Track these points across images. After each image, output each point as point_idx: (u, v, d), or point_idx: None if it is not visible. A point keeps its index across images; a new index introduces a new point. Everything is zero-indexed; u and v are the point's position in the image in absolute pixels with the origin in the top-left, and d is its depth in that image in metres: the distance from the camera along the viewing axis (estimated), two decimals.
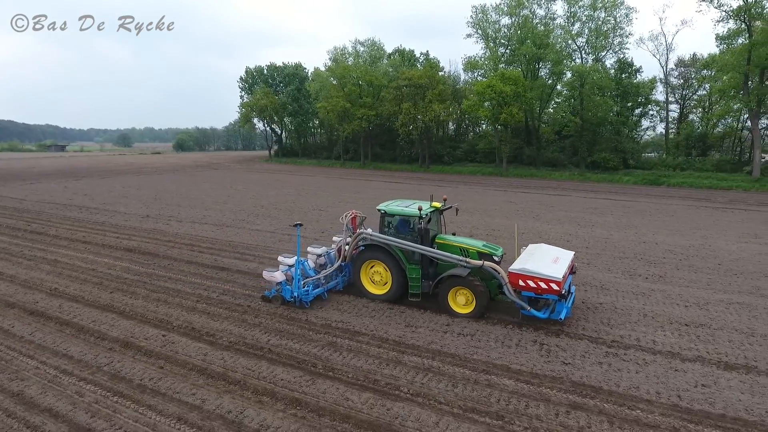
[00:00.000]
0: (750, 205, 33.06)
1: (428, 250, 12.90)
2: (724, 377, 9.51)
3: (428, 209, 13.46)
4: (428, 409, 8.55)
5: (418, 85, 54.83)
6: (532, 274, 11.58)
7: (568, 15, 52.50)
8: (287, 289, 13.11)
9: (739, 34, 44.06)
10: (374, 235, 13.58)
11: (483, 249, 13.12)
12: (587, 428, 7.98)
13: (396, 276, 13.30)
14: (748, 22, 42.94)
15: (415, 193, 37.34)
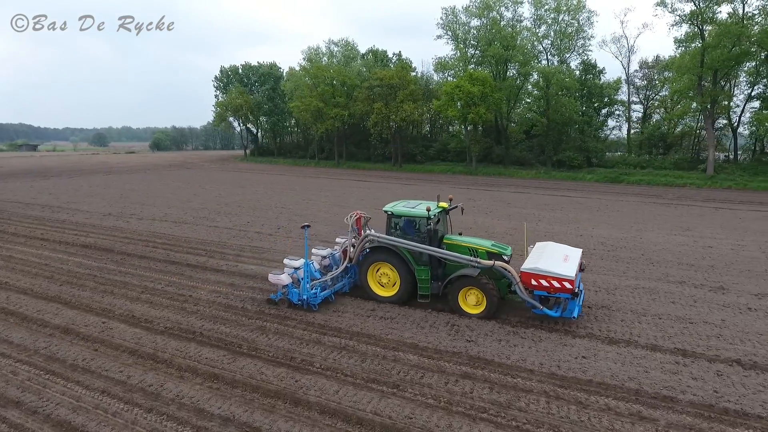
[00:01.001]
0: (696, 201, 34.79)
1: (439, 252, 12.79)
2: (604, 350, 10.66)
3: (436, 210, 13.28)
4: (333, 380, 9.51)
5: (390, 85, 55.85)
6: (545, 273, 11.58)
7: (534, 18, 54.01)
8: (294, 292, 12.91)
9: (694, 38, 45.96)
10: (382, 237, 13.36)
11: (492, 249, 13.06)
12: (469, 393, 9.02)
13: (404, 278, 13.13)
14: (700, 26, 44.88)
15: (382, 191, 38.40)
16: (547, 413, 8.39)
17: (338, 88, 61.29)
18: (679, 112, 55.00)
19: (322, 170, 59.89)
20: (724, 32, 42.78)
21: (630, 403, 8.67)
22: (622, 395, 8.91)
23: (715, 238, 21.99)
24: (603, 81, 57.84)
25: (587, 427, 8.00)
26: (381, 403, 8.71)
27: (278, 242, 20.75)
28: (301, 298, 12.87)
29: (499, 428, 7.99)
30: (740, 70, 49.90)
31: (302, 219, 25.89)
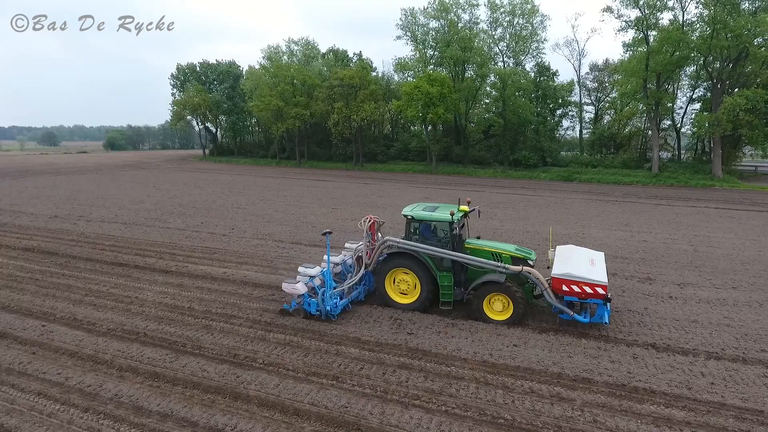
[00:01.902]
0: (640, 198, 36.66)
1: (466, 258, 12.38)
2: (534, 339, 11.35)
3: (459, 214, 12.93)
4: (274, 375, 9.77)
5: (351, 84, 56.11)
6: (578, 278, 11.34)
7: (491, 20, 55.37)
8: (313, 302, 12.28)
9: (640, 43, 48.26)
10: (402, 242, 12.89)
11: (516, 253, 12.77)
12: (405, 382, 9.48)
13: (426, 284, 12.71)
14: (645, 31, 47.22)
15: (342, 191, 38.63)
16: (476, 398, 8.93)
17: (299, 87, 61.08)
18: (627, 114, 57.72)
19: (282, 170, 59.52)
20: (666, 38, 45.21)
21: (552, 385, 9.33)
22: (545, 379, 9.57)
23: (651, 233, 23.39)
24: (557, 83, 59.89)
25: (510, 409, 8.58)
26: (319, 394, 9.05)
27: (232, 243, 20.71)
28: (320, 309, 12.21)
29: (429, 413, 8.47)
30: (682, 74, 52.87)
31: (258, 219, 25.92)
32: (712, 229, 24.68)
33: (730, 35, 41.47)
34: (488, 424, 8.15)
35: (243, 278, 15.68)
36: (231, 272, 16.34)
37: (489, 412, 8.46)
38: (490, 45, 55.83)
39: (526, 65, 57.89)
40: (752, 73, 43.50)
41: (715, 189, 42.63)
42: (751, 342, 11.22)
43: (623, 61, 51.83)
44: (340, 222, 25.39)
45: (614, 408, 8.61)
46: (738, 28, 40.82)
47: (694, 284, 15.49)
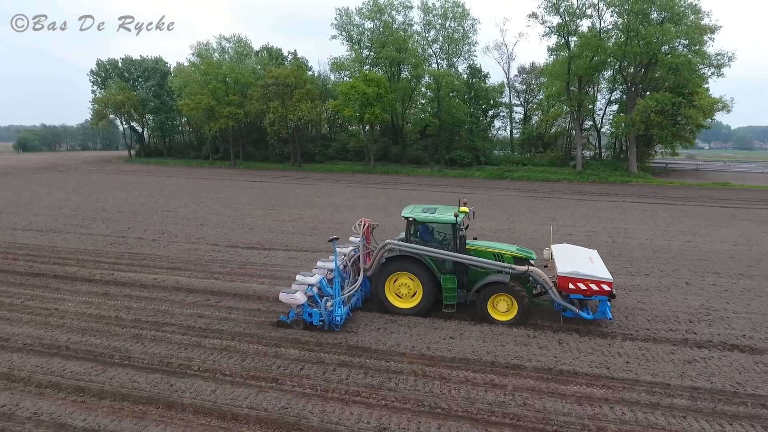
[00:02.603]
0: (565, 194, 38.98)
1: (474, 259, 12.31)
2: (469, 330, 11.82)
3: (461, 215, 12.73)
4: (211, 381, 9.51)
5: (286, 84, 55.25)
6: (584, 276, 11.57)
7: (424, 23, 56.52)
8: (315, 312, 11.57)
9: (562, 48, 51.21)
10: (405, 246, 12.53)
11: (518, 253, 12.85)
12: (345, 380, 9.56)
13: (428, 287, 12.45)
14: (566, 37, 50.18)
15: (279, 191, 37.97)
16: (414, 390, 9.18)
17: (231, 85, 59.23)
18: (552, 114, 61.01)
19: (216, 171, 57.50)
20: (585, 44, 48.38)
21: (485, 373, 9.78)
22: (479, 367, 10.01)
23: (575, 226, 24.98)
24: (488, 84, 62.26)
25: (447, 398, 8.90)
26: (258, 397, 8.92)
27: (162, 248, 19.80)
28: (323, 319, 11.51)
29: (369, 408, 8.60)
30: (600, 78, 56.71)
31: (191, 222, 24.95)
32: (629, 222, 26.74)
33: (641, 42, 45.04)
34: (426, 415, 8.41)
35: (175, 284, 15.08)
36: (162, 278, 15.65)
37: (427, 403, 8.74)
38: (424, 47, 57.01)
39: (459, 67, 59.73)
40: (661, 77, 47.42)
41: (631, 185, 46.14)
42: (660, 323, 12.32)
43: (548, 64, 54.86)
44: (279, 223, 25.00)
45: (542, 391, 9.17)
46: (648, 36, 44.45)
47: (613, 272, 16.51)
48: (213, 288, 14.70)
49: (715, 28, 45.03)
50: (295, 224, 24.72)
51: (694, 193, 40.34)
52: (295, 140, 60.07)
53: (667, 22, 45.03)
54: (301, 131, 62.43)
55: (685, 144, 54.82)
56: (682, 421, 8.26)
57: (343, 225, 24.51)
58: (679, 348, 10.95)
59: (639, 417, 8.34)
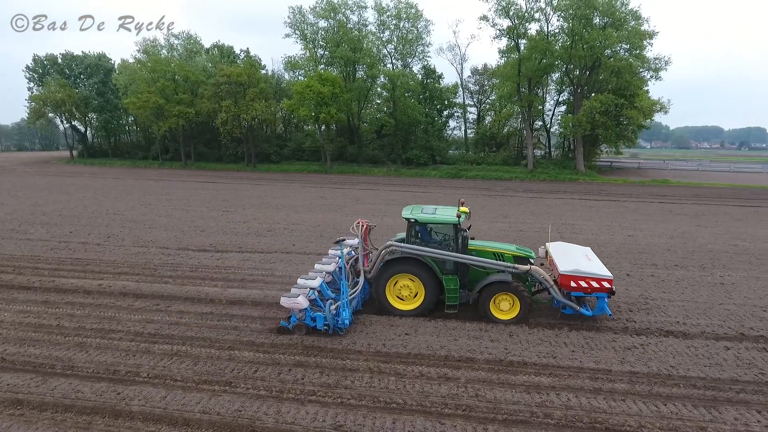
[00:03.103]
0: (517, 192, 40.22)
1: (479, 260, 12.39)
2: (423, 326, 12.04)
3: (463, 216, 12.69)
4: (161, 387, 9.24)
5: (239, 82, 54.10)
6: (586, 274, 11.86)
7: (378, 23, 56.80)
8: (319, 316, 11.20)
9: (513, 51, 52.72)
10: (407, 247, 12.42)
11: (518, 252, 12.98)
12: (300, 380, 9.53)
13: (430, 289, 12.39)
14: (516, 40, 51.72)
15: (232, 192, 37.14)
16: (370, 386, 9.27)
17: (181, 83, 57.43)
18: (505, 115, 62.68)
19: (166, 172, 55.54)
20: (534, 47, 50.06)
21: (439, 367, 10.00)
22: (433, 362, 10.23)
23: (526, 223, 25.85)
24: (442, 85, 63.23)
25: (402, 393, 9.04)
26: (211, 401, 8.75)
27: (108, 252, 18.97)
28: (328, 323, 11.20)
29: (324, 407, 8.62)
30: (549, 80, 58.81)
31: (139, 225, 24.03)
32: (576, 218, 27.94)
33: (585, 46, 47.10)
34: (381, 410, 8.52)
35: (122, 289, 14.51)
36: (108, 284, 15.01)
37: (382, 399, 8.85)
38: (378, 47, 57.30)
39: (413, 68, 60.42)
40: (604, 80, 49.75)
41: (579, 182, 48.17)
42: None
43: (499, 66, 56.40)
44: (232, 225, 24.48)
45: (493, 381, 9.48)
46: (591, 40, 46.54)
47: None
48: (163, 292, 14.26)
49: (653, 34, 47.76)
50: (249, 225, 24.28)
51: (636, 190, 42.60)
52: (250, 140, 58.93)
53: (609, 27, 47.30)
54: (255, 131, 61.29)
55: (627, 143, 57.71)
56: (621, 404, 8.76)
57: (299, 226, 24.34)
58: (620, 336, 11.59)
59: (583, 402, 8.78)
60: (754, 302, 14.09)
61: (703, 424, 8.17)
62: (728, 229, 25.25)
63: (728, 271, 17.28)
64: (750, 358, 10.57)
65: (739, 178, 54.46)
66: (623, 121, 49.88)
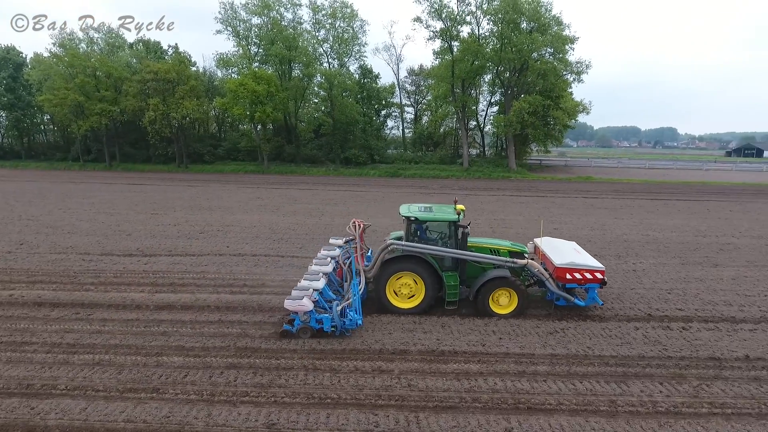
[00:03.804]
0: (454, 190, 41.34)
1: (480, 256, 12.69)
2: None
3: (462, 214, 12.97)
4: (81, 399, 8.74)
5: (167, 79, 51.77)
6: (581, 266, 12.41)
7: (314, 21, 56.30)
8: (326, 317, 10.95)
9: (446, 52, 54.08)
10: (410, 245, 12.42)
11: (512, 248, 13.34)
12: (233, 382, 9.35)
13: (431, 286, 12.45)
14: (449, 41, 53.15)
15: (162, 194, 35.50)
16: (304, 384, 9.28)
17: (103, 80, 54.08)
18: (440, 115, 64.22)
19: (88, 174, 52.08)
20: (466, 49, 51.66)
21: (374, 361, 10.18)
22: (368, 356, 10.39)
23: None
24: (379, 85, 63.84)
25: (337, 388, 9.13)
26: (136, 409, 8.40)
27: (20, 260, 17.56)
28: (335, 324, 11.02)
29: (257, 407, 8.53)
30: (481, 81, 60.94)
31: (57, 231, 22.43)
32: (507, 213, 29.22)
33: (514, 49, 49.22)
34: (315, 406, 8.56)
35: (37, 299, 13.52)
36: (20, 294, 13.92)
37: (317, 395, 8.88)
38: (314, 45, 56.81)
39: (350, 67, 60.47)
40: (532, 82, 52.17)
41: (511, 180, 50.37)
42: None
43: (434, 67, 57.73)
44: (162, 228, 23.43)
45: (426, 371, 9.79)
46: (519, 43, 48.74)
47: None
48: (83, 300, 13.44)
49: (574, 39, 50.76)
50: (180, 228, 23.35)
51: (563, 187, 45.18)
52: (181, 140, 56.58)
53: (535, 31, 49.73)
54: (186, 130, 58.95)
55: (555, 142, 60.94)
56: (543, 384, 9.35)
57: (233, 227, 23.73)
58: (544, 322, 12.32)
59: (508, 385, 9.28)
60: (660, 286, 15.45)
61: (614, 398, 8.90)
62: (641, 220, 27.42)
63: (640, 259, 18.80)
64: (656, 336, 11.61)
65: (652, 174, 59.16)
66: (550, 121, 52.62)
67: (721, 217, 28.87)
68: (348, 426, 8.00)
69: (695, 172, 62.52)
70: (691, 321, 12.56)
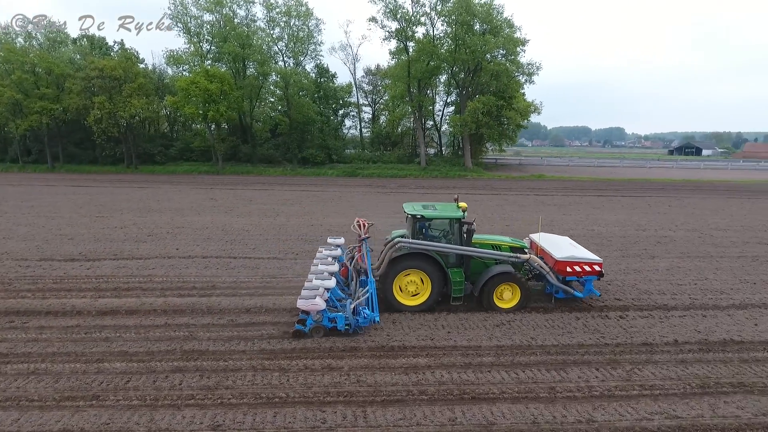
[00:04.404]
0: (410, 188, 41.79)
1: (488, 253, 13.06)
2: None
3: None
4: (13, 410, 8.34)
5: (114, 77, 49.68)
6: (580, 259, 12.95)
7: (268, 19, 55.44)
8: (340, 316, 10.95)
9: (402, 52, 54.50)
10: (418, 243, 12.60)
11: (513, 243, 13.79)
12: (178, 385, 9.16)
13: (437, 283, 12.60)
14: (404, 42, 53.60)
15: (110, 196, 34.10)
16: (252, 384, 9.20)
17: (43, 76, 51.30)
18: (398, 115, 64.64)
19: (28, 176, 49.36)
20: (421, 49, 52.25)
21: (323, 359, 10.21)
22: (318, 354, 10.41)
23: None
24: (337, 84, 63.60)
25: (286, 387, 9.11)
26: (74, 418, 8.09)
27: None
28: (349, 322, 11.07)
29: (203, 409, 8.39)
30: (437, 81, 61.81)
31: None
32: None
33: (467, 50, 50.21)
34: (263, 406, 8.51)
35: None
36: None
37: (264, 395, 8.83)
38: (269, 44, 55.94)
39: (306, 66, 59.95)
40: (486, 82, 53.38)
41: (467, 178, 51.39)
42: None
43: (391, 67, 58.10)
44: (107, 231, 22.54)
45: (375, 367, 9.91)
46: (473, 45, 49.75)
47: None
48: (18, 308, 12.78)
49: (525, 41, 52.28)
50: (127, 231, 22.53)
51: (516, 185, 46.53)
52: (130, 140, 54.45)
53: (488, 33, 50.95)
54: (136, 130, 56.76)
55: (509, 142, 62.58)
56: (487, 374, 9.66)
57: (183, 229, 23.12)
58: (491, 315, 12.69)
59: (454, 377, 9.53)
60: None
61: (553, 384, 9.31)
62: (587, 216, 28.65)
63: None
64: (595, 325, 12.21)
65: (599, 172, 61.80)
66: (504, 121, 53.97)
67: (661, 212, 30.56)
68: (295, 424, 8.01)
69: (639, 170, 65.81)
70: (627, 310, 13.28)
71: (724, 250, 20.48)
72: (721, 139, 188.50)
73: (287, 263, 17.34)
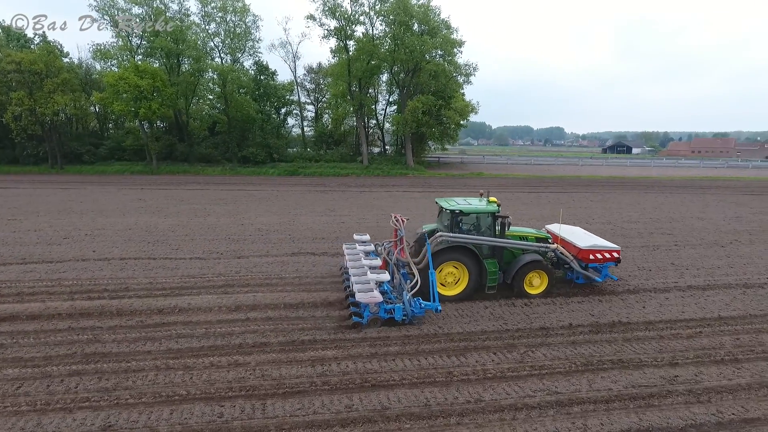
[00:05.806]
0: (351, 187, 41.99)
1: (523, 244, 14.21)
2: (219, 318, 12.12)
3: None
4: None
5: (34, 71, 46.67)
6: (602, 247, 14.29)
7: (203, 14, 53.85)
8: (398, 307, 11.64)
9: (342, 51, 54.55)
10: (458, 237, 13.37)
11: (539, 234, 14.92)
12: (74, 389, 8.91)
13: (474, 273, 13.44)
14: (344, 41, 53.70)
15: (34, 198, 32.07)
16: (153, 384, 9.11)
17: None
18: (340, 113, 64.66)
19: None
20: (361, 48, 52.61)
21: (231, 355, 10.25)
22: (226, 351, 10.44)
23: (349, 215, 27.31)
24: (277, 82, 62.68)
25: (188, 385, 9.08)
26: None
27: None
28: (406, 313, 11.74)
29: (96, 411, 8.25)
30: (378, 81, 62.34)
31: None
32: (398, 209, 30.26)
33: (406, 50, 51.00)
34: (161, 404, 8.46)
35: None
36: None
37: (164, 393, 8.77)
38: (204, 39, 54.40)
39: (244, 63, 58.74)
40: (425, 82, 54.42)
41: (408, 177, 52.18)
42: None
43: (332, 65, 58.05)
44: (19, 234, 21.28)
45: (282, 361, 10.06)
46: (411, 45, 50.58)
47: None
48: None
49: (462, 43, 53.77)
50: (40, 234, 21.35)
51: (454, 182, 47.79)
52: (53, 138, 51.34)
53: (425, 34, 51.96)
54: (60, 128, 53.63)
55: (450, 141, 64.12)
56: (392, 363, 10.05)
57: (104, 231, 22.21)
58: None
59: (359, 367, 9.85)
60: None
61: (451, 369, 9.82)
62: (515, 212, 29.90)
63: None
64: (500, 312, 12.92)
65: (535, 169, 64.54)
66: (444, 120, 55.21)
67: (582, 207, 32.46)
68: (191, 419, 8.04)
69: (572, 168, 69.28)
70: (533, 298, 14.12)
71: (630, 240, 22.10)
72: (650, 138, 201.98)
73: (209, 263, 17.09)
